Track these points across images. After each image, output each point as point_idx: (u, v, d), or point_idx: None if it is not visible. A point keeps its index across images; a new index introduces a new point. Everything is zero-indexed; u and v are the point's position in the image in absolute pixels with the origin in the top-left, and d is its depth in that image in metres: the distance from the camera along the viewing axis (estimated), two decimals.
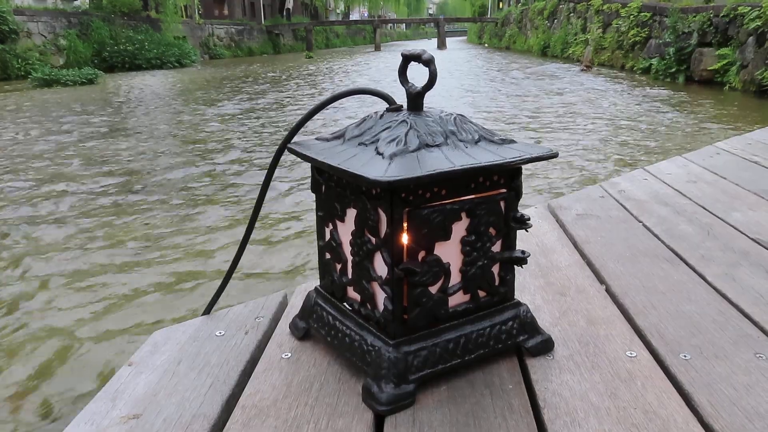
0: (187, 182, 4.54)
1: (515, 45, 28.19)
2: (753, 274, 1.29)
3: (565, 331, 1.05)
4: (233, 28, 28.97)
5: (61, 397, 1.86)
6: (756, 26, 9.73)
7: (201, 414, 0.84)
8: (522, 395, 0.86)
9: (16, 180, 4.71)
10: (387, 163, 0.78)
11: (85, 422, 0.83)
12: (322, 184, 0.94)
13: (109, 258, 3.01)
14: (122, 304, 2.49)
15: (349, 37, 47.63)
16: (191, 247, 3.15)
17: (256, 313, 1.14)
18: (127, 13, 20.74)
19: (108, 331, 2.26)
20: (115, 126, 7.39)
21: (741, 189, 2.00)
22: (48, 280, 2.75)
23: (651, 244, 1.49)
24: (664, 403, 0.84)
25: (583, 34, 18.69)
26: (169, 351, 1.01)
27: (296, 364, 0.96)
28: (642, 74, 13.22)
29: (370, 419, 0.81)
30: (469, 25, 48.09)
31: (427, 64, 0.86)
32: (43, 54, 16.60)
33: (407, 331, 0.86)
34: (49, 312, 2.45)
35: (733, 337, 1.03)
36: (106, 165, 5.17)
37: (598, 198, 1.90)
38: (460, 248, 0.88)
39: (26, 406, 1.78)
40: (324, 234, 0.97)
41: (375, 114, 0.90)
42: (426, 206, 0.83)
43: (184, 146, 6.04)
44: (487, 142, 0.88)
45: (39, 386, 1.91)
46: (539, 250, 1.44)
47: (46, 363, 2.06)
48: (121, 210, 3.83)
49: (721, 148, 2.70)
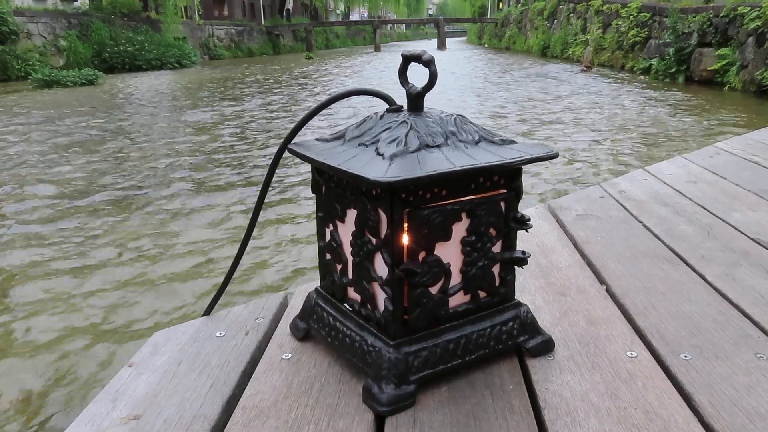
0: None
1: (515, 45, 28.19)
2: (753, 274, 1.29)
3: (566, 332, 1.05)
4: (233, 29, 28.99)
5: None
6: (756, 26, 9.73)
7: (201, 415, 0.84)
8: (522, 396, 0.86)
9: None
10: (387, 163, 0.78)
11: (86, 423, 0.83)
12: (322, 184, 0.94)
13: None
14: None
15: (349, 37, 47.65)
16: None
17: (256, 313, 1.14)
18: (127, 14, 20.76)
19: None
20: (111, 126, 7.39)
21: (741, 189, 2.00)
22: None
23: (651, 244, 1.48)
24: (665, 404, 0.84)
25: (582, 35, 18.69)
26: (169, 352, 1.01)
27: (297, 364, 0.96)
28: (642, 74, 13.21)
29: (371, 420, 0.81)
30: (468, 25, 48.06)
31: (427, 64, 0.86)
32: (43, 55, 16.61)
33: (408, 331, 0.86)
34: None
35: (733, 337, 1.03)
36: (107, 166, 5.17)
37: (598, 198, 1.90)
38: (461, 249, 0.88)
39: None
40: (324, 234, 0.97)
41: (375, 115, 0.90)
42: (426, 207, 0.83)
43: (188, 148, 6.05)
44: (488, 143, 0.88)
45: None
46: (539, 251, 1.44)
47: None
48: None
49: (721, 148, 2.70)
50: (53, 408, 1.81)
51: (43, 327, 2.32)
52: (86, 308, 2.47)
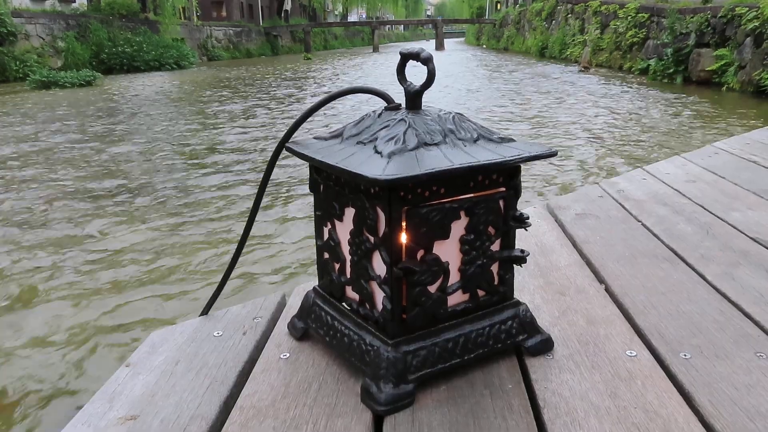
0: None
1: (513, 46, 28.22)
2: (753, 274, 1.29)
3: (565, 331, 1.04)
4: (231, 30, 28.98)
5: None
6: (753, 27, 9.75)
7: (199, 415, 0.83)
8: (522, 395, 0.85)
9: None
10: (385, 161, 0.77)
11: (82, 423, 0.83)
12: (320, 183, 0.94)
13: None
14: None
15: (347, 38, 47.66)
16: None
17: (254, 313, 1.13)
18: (126, 15, 20.74)
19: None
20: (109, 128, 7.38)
21: (740, 188, 1.99)
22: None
23: (650, 243, 1.48)
24: (665, 403, 0.84)
25: (581, 35, 18.72)
26: (166, 352, 1.01)
27: (295, 364, 0.95)
28: (640, 75, 13.23)
29: (369, 419, 0.81)
30: (467, 26, 48.07)
31: (425, 62, 0.85)
32: (41, 56, 16.59)
33: (406, 330, 0.85)
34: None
35: (733, 336, 1.02)
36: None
37: (597, 198, 1.90)
38: (459, 247, 0.87)
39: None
40: (322, 233, 0.97)
41: (373, 113, 0.90)
42: (425, 205, 0.82)
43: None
44: (486, 141, 0.87)
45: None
46: (538, 250, 1.44)
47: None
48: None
49: (720, 147, 2.70)
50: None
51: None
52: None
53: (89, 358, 2.11)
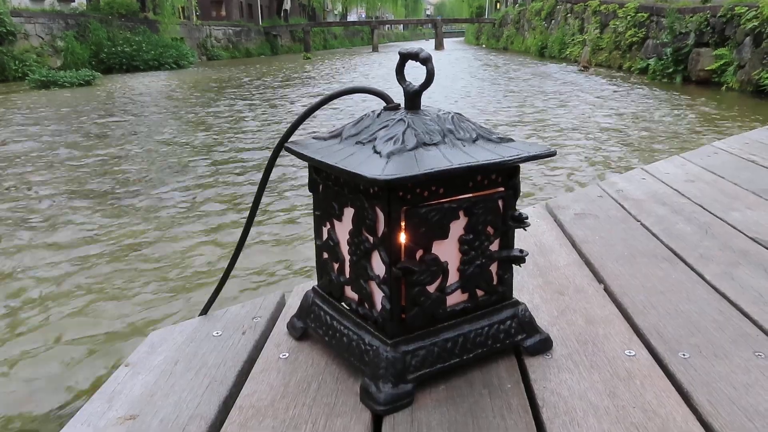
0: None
1: (513, 46, 28.21)
2: (752, 273, 1.29)
3: (564, 331, 1.04)
4: (231, 30, 28.96)
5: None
6: (753, 26, 9.75)
7: (198, 415, 0.83)
8: (521, 395, 0.86)
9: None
10: (384, 161, 0.77)
11: (82, 423, 0.83)
12: (319, 183, 0.94)
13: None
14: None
15: (346, 38, 47.65)
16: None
17: (253, 313, 1.13)
18: (125, 15, 20.72)
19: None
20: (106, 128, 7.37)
21: (739, 188, 1.99)
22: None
23: (649, 243, 1.48)
24: (664, 402, 0.84)
25: (580, 35, 18.71)
26: (166, 351, 1.01)
27: (294, 364, 0.95)
28: (639, 74, 13.23)
29: (368, 419, 0.81)
30: (466, 25, 48.05)
31: (424, 62, 0.85)
32: (40, 55, 16.58)
33: (405, 330, 0.85)
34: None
35: (732, 335, 1.02)
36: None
37: (597, 198, 1.90)
38: (458, 247, 0.87)
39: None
40: (321, 233, 0.97)
41: (372, 113, 0.90)
42: (424, 205, 0.82)
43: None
44: (485, 141, 0.87)
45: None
46: (537, 250, 1.44)
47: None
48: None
49: (719, 147, 2.70)
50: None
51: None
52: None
53: (87, 359, 2.11)
